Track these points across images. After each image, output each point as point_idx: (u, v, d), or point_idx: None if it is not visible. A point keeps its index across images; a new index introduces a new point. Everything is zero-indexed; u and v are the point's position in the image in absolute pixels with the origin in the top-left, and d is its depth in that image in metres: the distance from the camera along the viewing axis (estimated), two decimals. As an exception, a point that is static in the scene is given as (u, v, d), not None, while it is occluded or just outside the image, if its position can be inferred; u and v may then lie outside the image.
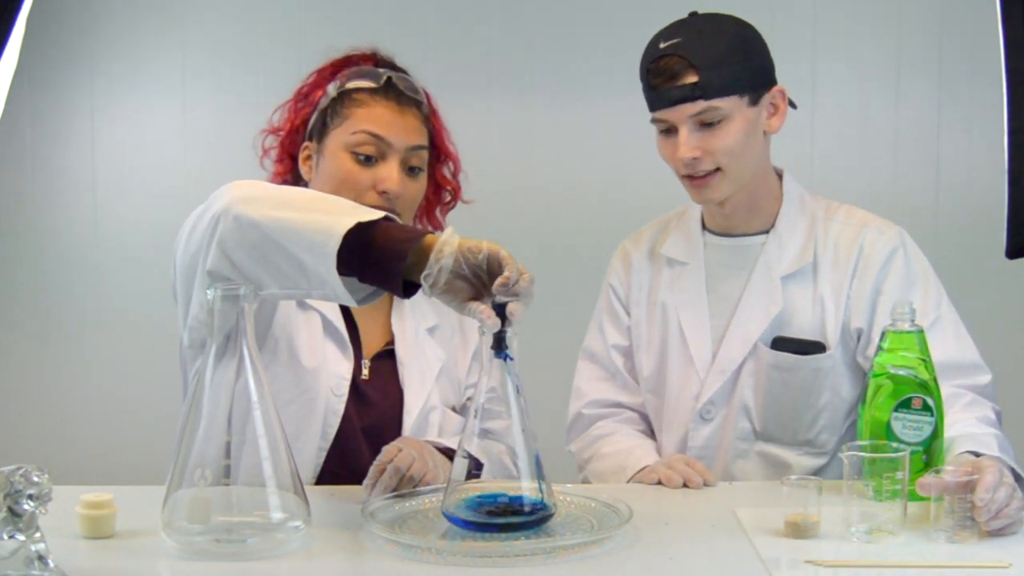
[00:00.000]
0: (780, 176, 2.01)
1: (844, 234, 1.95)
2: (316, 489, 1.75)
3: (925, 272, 1.93)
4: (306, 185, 1.92)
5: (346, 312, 1.91)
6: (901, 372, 1.66)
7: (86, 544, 1.50)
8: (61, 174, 3.22)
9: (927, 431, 1.66)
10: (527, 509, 1.51)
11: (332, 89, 1.92)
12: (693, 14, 1.92)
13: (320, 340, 1.86)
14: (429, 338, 1.96)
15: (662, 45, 1.87)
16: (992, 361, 1.89)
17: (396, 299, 1.97)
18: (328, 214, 1.52)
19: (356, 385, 1.87)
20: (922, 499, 1.59)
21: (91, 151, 3.21)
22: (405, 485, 1.67)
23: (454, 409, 1.96)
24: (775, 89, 1.92)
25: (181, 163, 3.20)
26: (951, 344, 1.86)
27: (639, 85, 1.95)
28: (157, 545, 1.48)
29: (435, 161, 1.97)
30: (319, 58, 3.26)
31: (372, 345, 1.92)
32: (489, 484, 1.61)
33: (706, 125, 1.86)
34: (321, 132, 1.91)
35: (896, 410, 1.66)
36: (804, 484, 1.53)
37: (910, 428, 1.66)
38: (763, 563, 1.43)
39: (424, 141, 1.90)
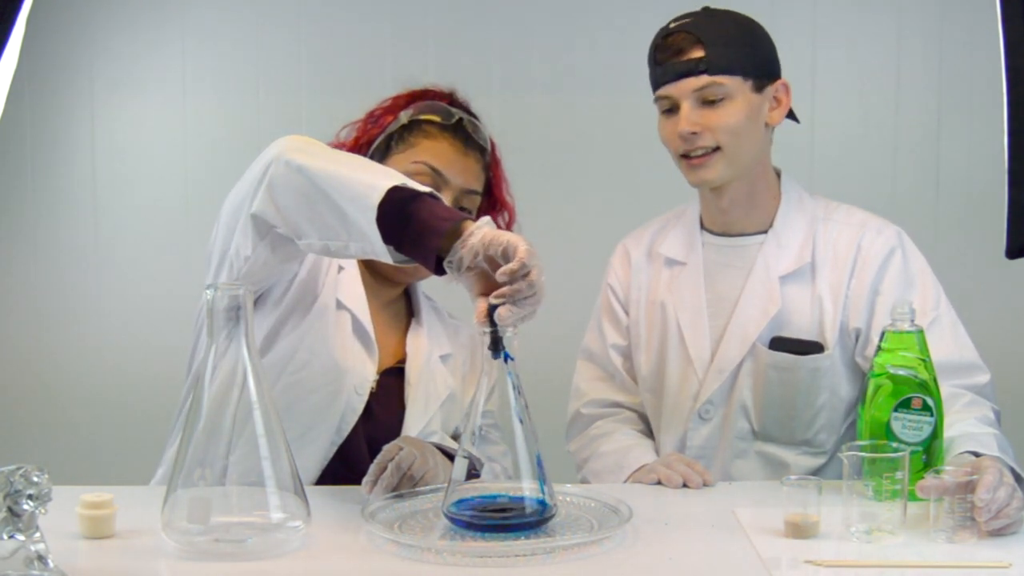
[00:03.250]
0: (779, 176, 2.01)
1: (843, 234, 1.95)
2: (316, 489, 1.75)
3: (923, 272, 1.93)
4: None
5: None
6: (901, 372, 1.66)
7: (86, 544, 1.50)
8: (61, 174, 3.22)
9: (927, 431, 1.66)
10: (527, 509, 1.51)
11: (404, 116, 1.94)
12: (705, 8, 1.95)
13: (349, 339, 1.87)
14: (441, 365, 1.97)
15: (672, 25, 1.92)
16: (992, 361, 1.89)
17: (414, 319, 2.00)
18: (375, 174, 1.56)
19: None
20: (922, 499, 1.59)
21: (91, 151, 3.21)
22: (405, 484, 1.67)
23: (456, 436, 1.96)
24: (779, 83, 1.93)
25: (181, 163, 3.20)
26: (949, 344, 1.86)
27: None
28: (157, 545, 1.48)
29: (491, 210, 1.99)
30: (320, 58, 3.27)
31: (384, 360, 1.92)
32: (490, 484, 1.61)
33: (708, 103, 1.88)
34: (384, 154, 1.93)
35: (896, 410, 1.66)
36: (804, 484, 1.53)
37: (910, 428, 1.66)
38: (763, 563, 1.43)
39: (479, 187, 1.93)
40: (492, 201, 2.00)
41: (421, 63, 3.10)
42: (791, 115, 1.98)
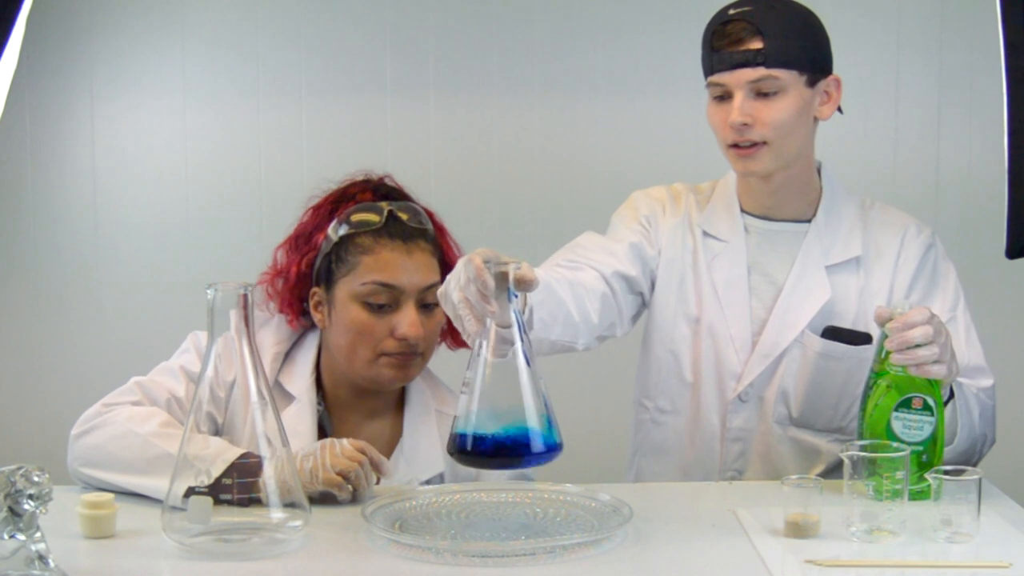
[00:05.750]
0: (819, 170, 2.02)
1: (886, 230, 1.98)
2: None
3: (948, 273, 1.97)
4: (320, 331, 1.89)
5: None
6: (901, 372, 1.66)
7: (86, 544, 1.50)
8: (61, 174, 3.22)
9: (927, 431, 1.66)
10: (534, 445, 1.47)
11: (333, 234, 1.83)
12: None
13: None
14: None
15: (731, 12, 1.89)
16: (992, 361, 1.90)
17: (407, 390, 1.92)
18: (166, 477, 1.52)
19: None
20: (922, 499, 1.59)
21: (91, 151, 3.21)
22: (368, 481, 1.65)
23: None
24: (831, 78, 1.94)
25: (181, 163, 3.20)
26: (961, 346, 1.87)
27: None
28: (157, 545, 1.48)
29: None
30: (320, 59, 3.26)
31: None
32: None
33: (761, 95, 1.87)
34: (328, 279, 1.83)
35: (896, 410, 1.66)
36: (804, 484, 1.54)
37: (910, 428, 1.66)
38: (763, 563, 1.43)
39: (436, 275, 1.82)
40: (448, 269, 1.85)
41: (421, 63, 3.10)
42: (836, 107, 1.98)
